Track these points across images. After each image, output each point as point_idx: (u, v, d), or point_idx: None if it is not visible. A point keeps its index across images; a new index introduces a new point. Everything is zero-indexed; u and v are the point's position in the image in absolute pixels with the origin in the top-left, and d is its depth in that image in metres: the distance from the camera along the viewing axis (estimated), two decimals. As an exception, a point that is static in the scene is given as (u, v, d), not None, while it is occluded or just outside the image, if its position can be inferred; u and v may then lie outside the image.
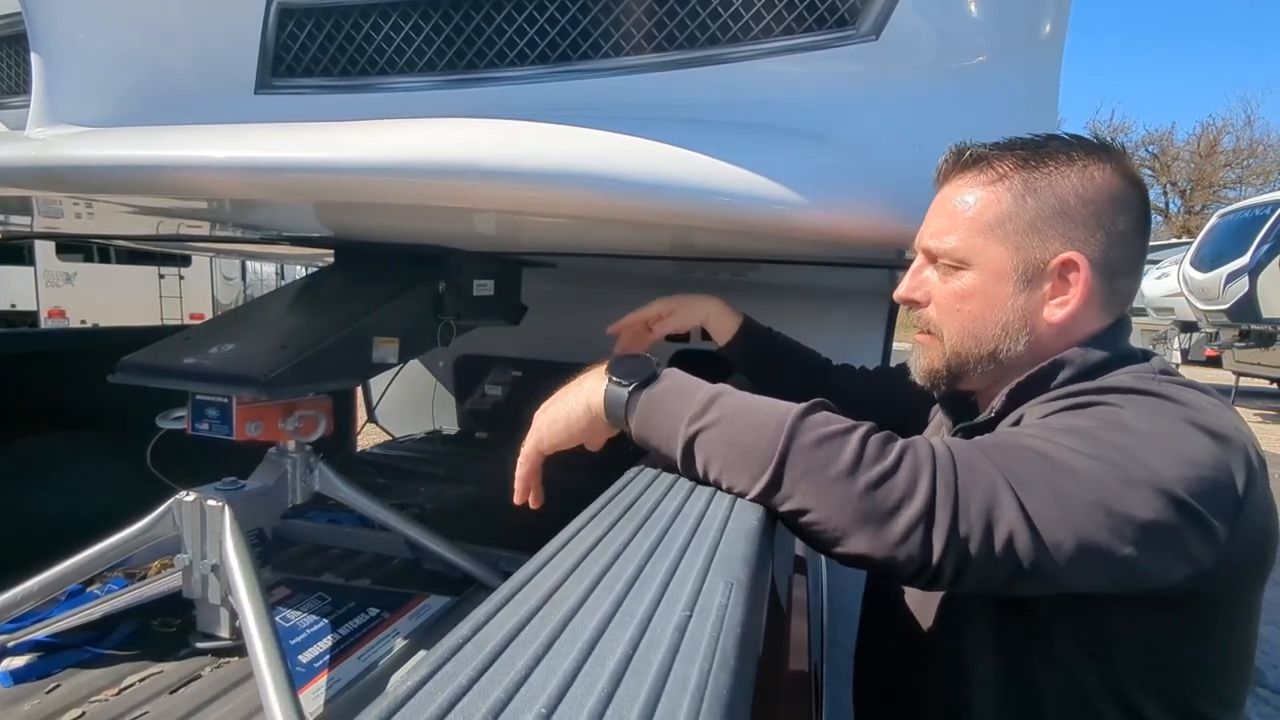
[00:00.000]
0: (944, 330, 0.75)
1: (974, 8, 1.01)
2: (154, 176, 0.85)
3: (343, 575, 1.51)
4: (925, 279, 0.78)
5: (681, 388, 0.64)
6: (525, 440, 0.75)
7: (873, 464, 0.53)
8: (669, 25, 0.93)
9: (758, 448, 0.56)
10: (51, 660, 1.12)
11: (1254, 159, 24.22)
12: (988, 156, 0.73)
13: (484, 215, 1.03)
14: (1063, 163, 0.70)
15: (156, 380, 1.16)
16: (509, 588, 0.39)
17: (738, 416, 0.59)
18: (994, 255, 0.71)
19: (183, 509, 1.14)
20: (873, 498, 0.52)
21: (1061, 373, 0.69)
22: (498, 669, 0.30)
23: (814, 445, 0.55)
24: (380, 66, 0.98)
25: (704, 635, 0.33)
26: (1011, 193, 0.70)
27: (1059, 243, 0.68)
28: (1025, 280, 0.70)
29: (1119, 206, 0.69)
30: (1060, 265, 0.68)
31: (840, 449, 0.54)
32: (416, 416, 3.24)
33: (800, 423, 0.56)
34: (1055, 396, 0.67)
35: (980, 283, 0.72)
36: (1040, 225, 0.69)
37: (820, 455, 0.54)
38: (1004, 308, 0.71)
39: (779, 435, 0.55)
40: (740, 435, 0.58)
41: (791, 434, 0.55)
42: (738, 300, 2.95)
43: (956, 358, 0.75)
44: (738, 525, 0.51)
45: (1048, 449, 0.56)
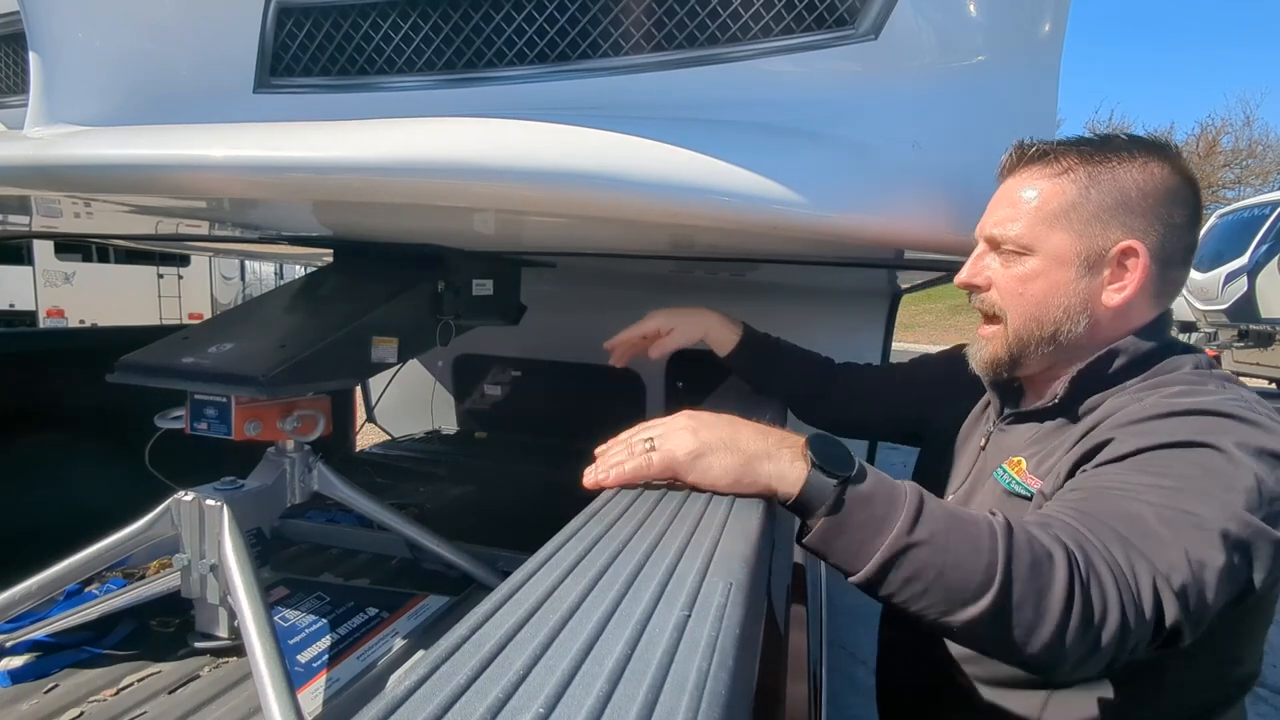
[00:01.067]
0: (1008, 312, 0.79)
1: (973, 7, 1.01)
2: (152, 176, 0.85)
3: (341, 575, 1.51)
4: (986, 265, 0.82)
5: (886, 490, 0.58)
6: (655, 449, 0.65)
7: (1079, 590, 0.52)
8: (668, 24, 0.93)
9: (972, 569, 0.53)
10: (50, 660, 1.12)
11: (1253, 159, 24.23)
12: (1053, 151, 0.77)
13: (483, 214, 1.03)
14: (1125, 158, 0.74)
15: (155, 380, 1.16)
16: (507, 587, 0.39)
17: (950, 534, 0.55)
18: (1058, 242, 0.75)
19: (181, 509, 1.14)
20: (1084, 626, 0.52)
21: (1117, 360, 0.74)
22: (496, 669, 0.30)
23: (1031, 570, 0.53)
24: (379, 66, 0.98)
25: (703, 635, 0.33)
26: (1076, 184, 0.74)
27: (1119, 231, 0.72)
28: (1087, 266, 0.74)
29: (1175, 200, 0.73)
30: (1120, 253, 0.72)
31: (1054, 574, 0.52)
32: (415, 416, 3.23)
33: (1011, 540, 0.54)
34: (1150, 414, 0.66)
35: (1043, 267, 0.75)
36: (1103, 215, 0.73)
37: (1035, 581, 0.52)
38: (1066, 291, 0.75)
39: (996, 554, 0.53)
40: (952, 553, 0.54)
41: (1009, 554, 0.53)
42: (738, 300, 2.97)
43: (1019, 341, 0.78)
44: (736, 525, 0.51)
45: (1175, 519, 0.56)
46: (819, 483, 0.58)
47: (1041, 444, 0.79)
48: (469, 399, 3.26)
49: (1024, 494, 0.75)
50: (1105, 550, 0.54)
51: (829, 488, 0.57)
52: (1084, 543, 0.55)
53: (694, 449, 0.62)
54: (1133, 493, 0.58)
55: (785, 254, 1.46)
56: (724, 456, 0.62)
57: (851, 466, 0.58)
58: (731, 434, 0.63)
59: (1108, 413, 0.71)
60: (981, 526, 0.55)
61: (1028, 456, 0.79)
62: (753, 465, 0.61)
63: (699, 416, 0.67)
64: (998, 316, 0.81)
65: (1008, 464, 0.80)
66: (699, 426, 0.65)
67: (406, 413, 3.24)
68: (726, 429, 0.64)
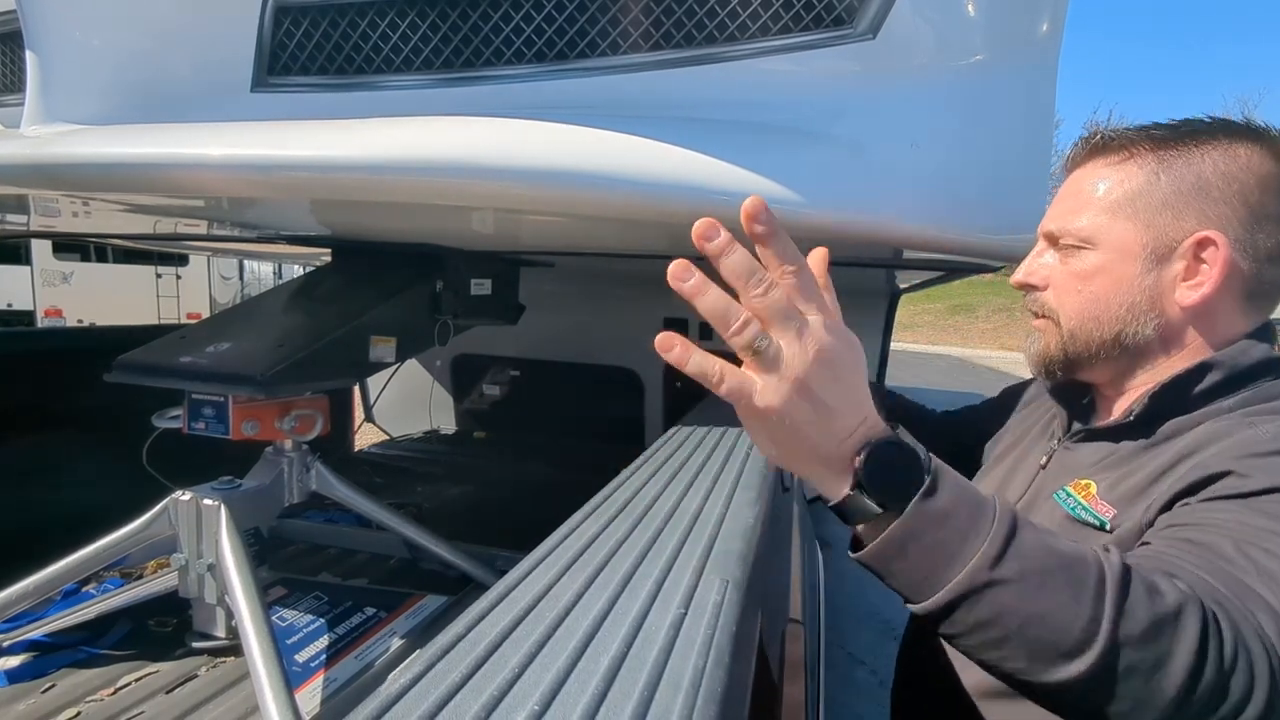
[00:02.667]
0: (1060, 312, 0.71)
1: (971, 7, 1.01)
2: (149, 175, 0.85)
3: (340, 575, 1.51)
4: (1044, 263, 0.74)
5: (969, 508, 0.46)
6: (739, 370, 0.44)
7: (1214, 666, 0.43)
8: (666, 24, 0.93)
9: (1069, 624, 0.43)
10: (47, 660, 1.12)
11: (1251, 159, 24.23)
12: (1119, 138, 0.69)
13: (481, 213, 1.03)
14: (1204, 140, 0.65)
15: (152, 379, 1.16)
16: (504, 585, 0.39)
17: (1047, 574, 0.44)
18: (1121, 233, 0.66)
19: (179, 508, 1.13)
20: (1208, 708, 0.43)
21: (1209, 375, 0.64)
22: (491, 666, 0.30)
23: (1147, 634, 0.43)
24: (377, 65, 0.98)
25: (699, 633, 0.33)
26: (1143, 170, 0.66)
27: (1194, 220, 0.63)
28: (1155, 259, 0.65)
29: (1269, 187, 0.63)
30: (1195, 244, 0.63)
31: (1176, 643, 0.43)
32: (414, 416, 3.23)
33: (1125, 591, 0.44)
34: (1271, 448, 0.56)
35: (1105, 262, 0.67)
36: (1174, 202, 0.64)
37: (1153, 648, 0.42)
38: (1130, 288, 0.66)
39: (1102, 608, 0.43)
40: (1047, 603, 0.43)
41: (1119, 610, 0.43)
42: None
43: (1074, 341, 0.70)
44: (734, 523, 0.51)
45: None
46: (860, 505, 0.46)
47: (1116, 468, 0.68)
48: (467, 399, 3.26)
49: (1094, 522, 0.66)
50: (1250, 615, 0.45)
51: (872, 512, 0.46)
52: (1224, 601, 0.45)
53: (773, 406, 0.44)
54: (1265, 542, 0.49)
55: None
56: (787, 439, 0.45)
57: (907, 495, 0.45)
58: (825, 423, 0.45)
59: (1208, 438, 0.61)
60: (1090, 567, 0.44)
61: (1098, 480, 0.68)
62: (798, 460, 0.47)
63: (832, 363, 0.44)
64: (1049, 317, 0.73)
65: (1072, 486, 0.70)
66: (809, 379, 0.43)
67: (405, 412, 3.24)
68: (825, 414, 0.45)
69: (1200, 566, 0.48)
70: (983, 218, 1.03)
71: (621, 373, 3.05)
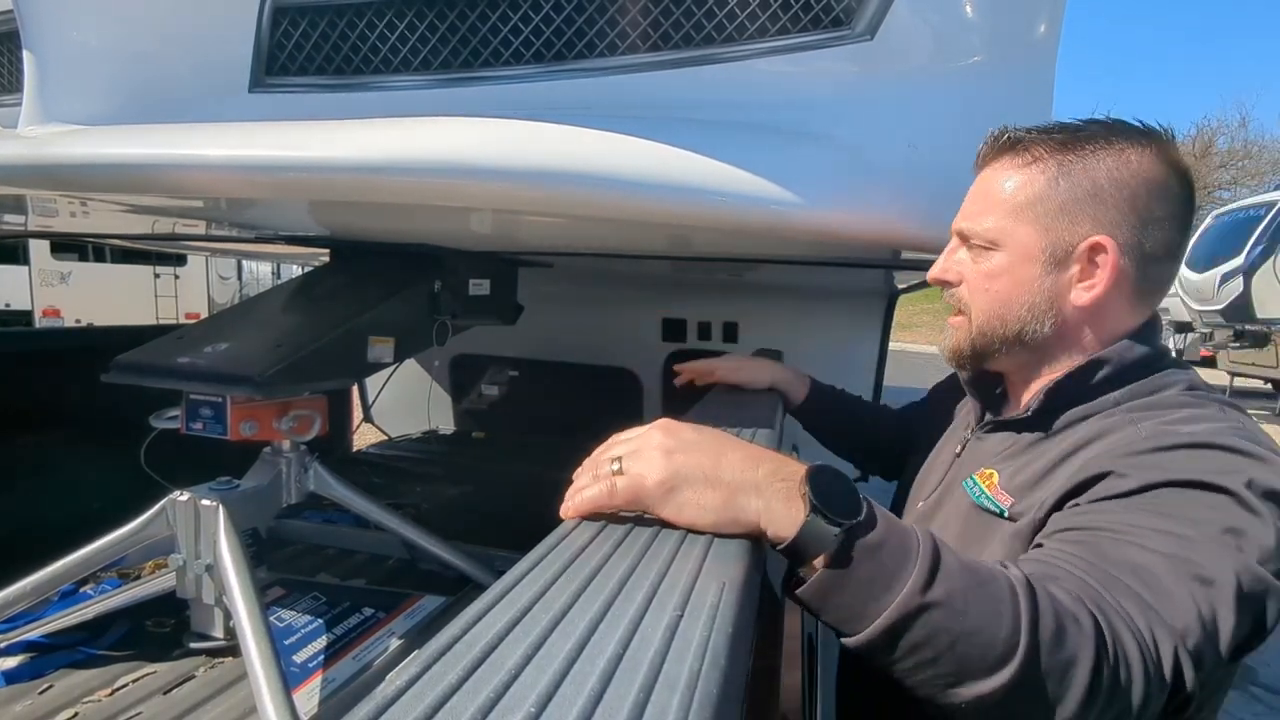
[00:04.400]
0: (972, 308, 0.76)
1: (969, 8, 1.01)
2: (147, 175, 0.85)
3: (338, 575, 1.51)
4: (958, 260, 0.79)
5: (897, 539, 0.49)
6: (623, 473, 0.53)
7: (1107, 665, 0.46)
8: (664, 24, 0.93)
9: (993, 638, 0.45)
10: (45, 661, 1.11)
11: (1248, 160, 24.30)
12: (1024, 140, 0.72)
13: (480, 214, 1.03)
14: (1100, 146, 0.69)
15: (150, 379, 1.16)
16: (500, 587, 0.39)
17: (969, 593, 0.47)
18: (1023, 236, 0.71)
19: (177, 509, 1.13)
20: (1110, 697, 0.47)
21: (1100, 371, 0.69)
22: (487, 668, 0.30)
23: (1055, 638, 0.46)
24: (375, 65, 0.98)
25: (695, 635, 0.33)
26: (1045, 175, 0.70)
27: (1088, 225, 0.68)
28: (1053, 262, 0.70)
29: (1154, 191, 0.68)
30: (1089, 249, 0.68)
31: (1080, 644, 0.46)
32: (413, 416, 3.23)
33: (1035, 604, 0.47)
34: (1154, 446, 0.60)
35: (1008, 263, 0.72)
36: (1071, 208, 0.68)
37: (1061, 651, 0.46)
38: (1030, 289, 0.71)
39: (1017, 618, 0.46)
40: (973, 621, 0.46)
41: (1033, 619, 0.46)
42: (736, 300, 2.96)
43: (982, 336, 0.75)
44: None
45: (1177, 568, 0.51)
46: (818, 530, 0.47)
47: (1016, 458, 0.73)
48: (466, 399, 3.26)
49: (993, 510, 0.70)
50: (1124, 613, 0.49)
51: (830, 536, 0.47)
52: (1103, 604, 0.49)
53: (666, 477, 0.50)
54: (1140, 539, 0.53)
55: (782, 254, 1.46)
56: (701, 492, 0.50)
57: (859, 509, 0.48)
58: (714, 460, 0.51)
59: (1095, 434, 0.66)
60: (1001, 584, 0.48)
61: (1000, 469, 0.73)
62: (737, 501, 0.50)
63: (678, 433, 0.54)
64: (964, 313, 0.78)
65: (978, 475, 0.74)
66: (675, 448, 0.52)
67: (404, 413, 3.24)
68: (709, 453, 0.52)
69: (1081, 569, 0.51)
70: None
71: (620, 373, 3.06)
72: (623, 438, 0.58)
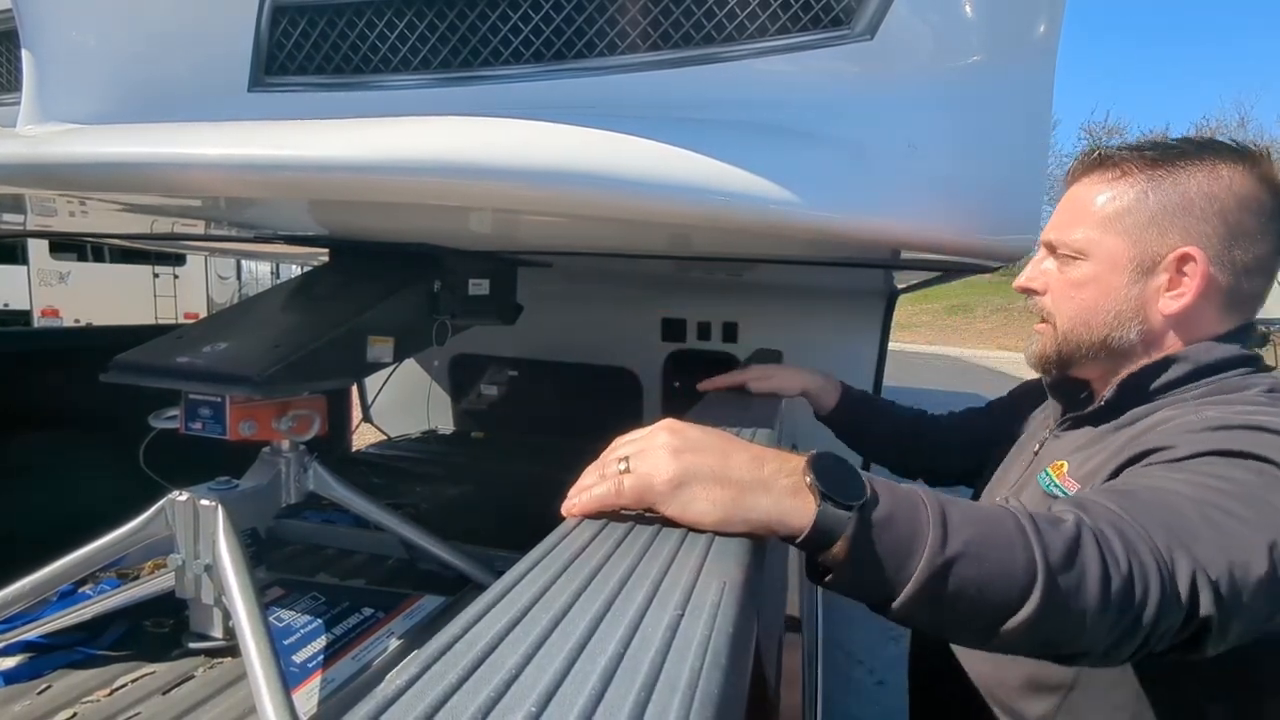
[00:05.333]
0: (1057, 316, 0.79)
1: (968, 8, 1.01)
2: (146, 174, 0.85)
3: (338, 575, 1.51)
4: (1044, 270, 0.81)
5: (905, 506, 0.50)
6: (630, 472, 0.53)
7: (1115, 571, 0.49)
8: (664, 24, 0.93)
9: (1016, 577, 0.48)
10: (43, 661, 1.11)
11: (1248, 160, 24.33)
12: (1115, 156, 0.76)
13: (479, 214, 1.03)
14: (1191, 161, 0.71)
15: (149, 379, 1.16)
16: (500, 586, 0.39)
17: (984, 539, 0.49)
18: (1111, 246, 0.73)
19: (175, 509, 1.13)
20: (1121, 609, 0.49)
21: (1173, 367, 0.71)
22: (488, 668, 0.30)
23: (1066, 559, 0.48)
24: (374, 65, 0.97)
25: (696, 635, 0.33)
26: (1134, 188, 0.73)
27: (1177, 237, 0.70)
28: (1140, 271, 0.72)
29: (1247, 206, 0.69)
30: (1177, 259, 0.70)
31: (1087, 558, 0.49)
32: (412, 416, 3.23)
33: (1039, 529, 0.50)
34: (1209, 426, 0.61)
35: (1095, 272, 0.74)
36: (1160, 219, 0.71)
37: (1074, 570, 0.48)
38: (1117, 297, 0.73)
39: (1033, 557, 0.48)
40: (993, 564, 0.48)
41: (1045, 551, 0.48)
42: (735, 300, 2.96)
43: (1067, 343, 0.78)
44: (731, 524, 0.51)
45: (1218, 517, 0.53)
46: (832, 517, 0.48)
47: (1086, 449, 0.76)
48: (466, 398, 3.26)
49: (1061, 496, 0.72)
50: (1144, 532, 0.51)
51: (844, 520, 0.48)
52: (1122, 525, 0.51)
53: (673, 476, 0.51)
54: (1177, 489, 0.55)
55: (782, 254, 1.46)
56: (710, 489, 0.50)
57: (863, 488, 0.49)
58: (721, 459, 0.52)
59: (1160, 420, 0.68)
60: (1007, 522, 0.50)
61: (1070, 459, 0.76)
62: (745, 500, 0.50)
63: (684, 433, 0.55)
64: (1048, 321, 0.81)
65: (1051, 467, 0.78)
66: (682, 447, 0.52)
67: (403, 412, 3.24)
68: (716, 452, 0.52)
69: (1112, 500, 0.54)
70: (979, 219, 1.03)
71: (620, 372, 3.06)
72: (628, 438, 0.58)
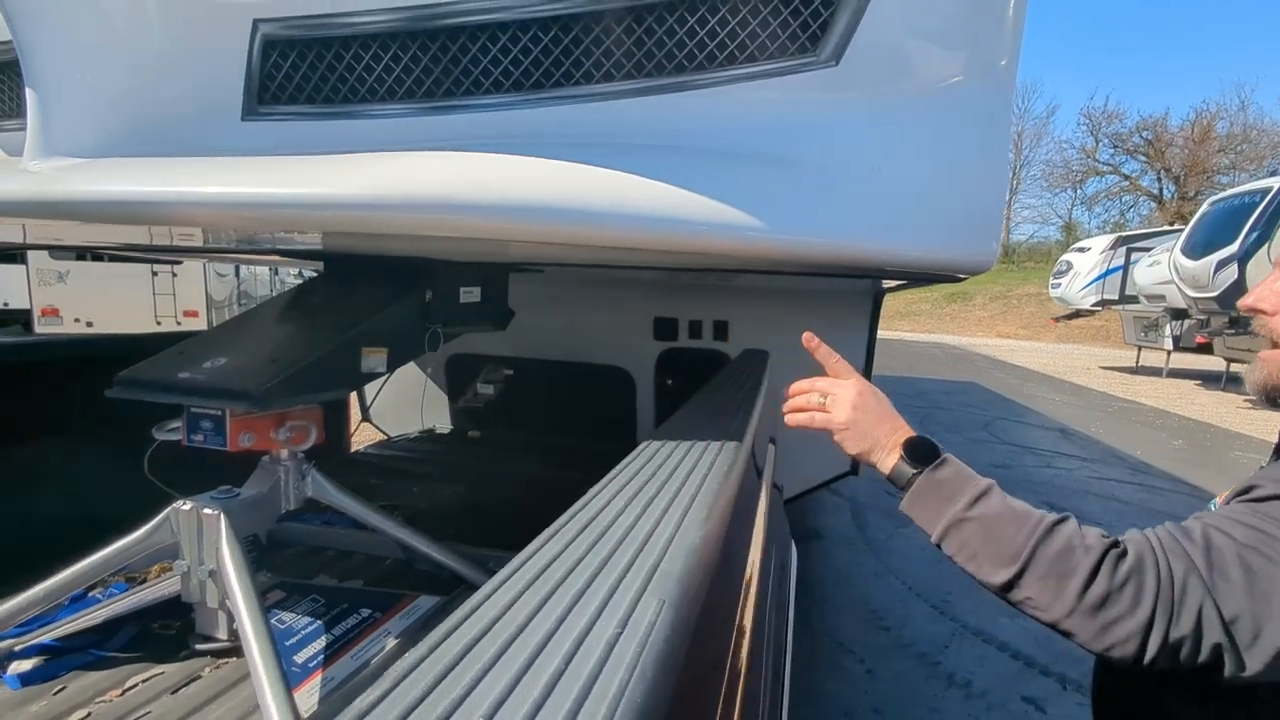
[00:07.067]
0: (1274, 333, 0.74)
1: (931, 34, 1.05)
2: (149, 211, 0.90)
3: (336, 576, 1.57)
4: (1277, 290, 0.75)
5: (959, 480, 0.72)
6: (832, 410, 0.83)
7: (1104, 582, 0.61)
8: (637, 54, 0.97)
9: (1009, 546, 0.65)
10: (57, 663, 1.17)
11: (1247, 144, 24.25)
12: None
13: (465, 240, 1.07)
14: None
15: (152, 395, 1.21)
16: (469, 606, 0.44)
17: (999, 518, 0.68)
18: None
19: (180, 517, 1.19)
20: (1098, 612, 0.61)
21: None
22: (450, 681, 0.35)
23: (1058, 556, 0.63)
24: (362, 94, 1.02)
25: (629, 651, 0.39)
26: None
27: None
28: None
29: None
30: None
31: (1078, 564, 0.62)
32: (411, 415, 3.29)
33: (1050, 532, 0.65)
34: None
35: None
36: None
37: (1060, 566, 0.63)
38: None
39: (1030, 539, 0.64)
40: (995, 532, 0.67)
41: (1040, 540, 0.64)
42: (726, 301, 3.00)
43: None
44: (680, 542, 0.56)
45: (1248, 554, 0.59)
46: (901, 469, 0.76)
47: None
48: (463, 398, 3.32)
49: None
50: (1165, 562, 0.61)
51: (908, 474, 0.75)
52: (1144, 547, 0.63)
53: (844, 421, 0.81)
54: (1228, 528, 0.61)
55: (759, 269, 1.51)
56: (858, 438, 0.80)
57: (931, 460, 0.74)
58: (873, 422, 0.80)
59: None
60: (1033, 519, 0.66)
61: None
62: (871, 450, 0.80)
63: (863, 395, 0.82)
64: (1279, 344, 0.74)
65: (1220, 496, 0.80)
66: (858, 405, 0.81)
67: (403, 412, 3.30)
68: (872, 417, 0.81)
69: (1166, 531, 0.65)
70: (942, 235, 1.07)
71: (614, 371, 3.11)
72: (831, 383, 0.86)
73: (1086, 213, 29.85)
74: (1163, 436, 6.93)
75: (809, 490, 3.08)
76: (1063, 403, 8.76)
